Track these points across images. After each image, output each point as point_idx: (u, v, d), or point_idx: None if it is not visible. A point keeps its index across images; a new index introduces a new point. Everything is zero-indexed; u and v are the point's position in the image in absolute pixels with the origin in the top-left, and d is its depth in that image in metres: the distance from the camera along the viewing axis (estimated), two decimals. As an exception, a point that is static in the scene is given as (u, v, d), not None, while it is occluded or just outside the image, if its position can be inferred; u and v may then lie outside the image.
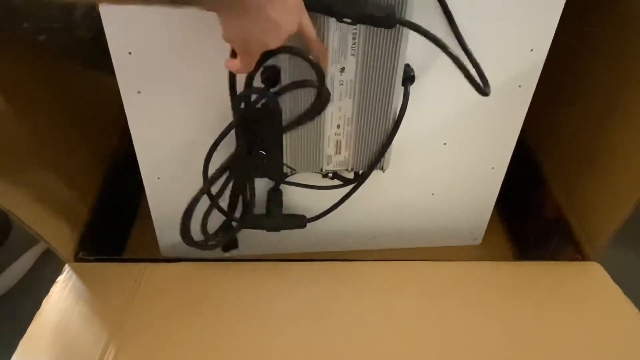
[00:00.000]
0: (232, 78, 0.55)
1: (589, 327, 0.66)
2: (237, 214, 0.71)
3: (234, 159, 0.62)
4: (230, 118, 0.60)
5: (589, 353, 0.63)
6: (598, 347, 0.64)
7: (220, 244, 0.74)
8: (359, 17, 0.50)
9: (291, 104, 0.59)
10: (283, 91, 0.57)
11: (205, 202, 0.65)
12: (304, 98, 0.58)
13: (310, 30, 0.49)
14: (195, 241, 0.68)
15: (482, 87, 0.55)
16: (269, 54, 0.50)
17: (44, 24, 0.62)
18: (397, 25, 0.52)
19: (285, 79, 0.56)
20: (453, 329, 0.65)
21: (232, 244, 0.78)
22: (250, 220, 0.72)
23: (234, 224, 0.73)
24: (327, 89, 0.56)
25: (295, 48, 0.51)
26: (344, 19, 0.50)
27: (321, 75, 0.54)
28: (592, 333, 0.65)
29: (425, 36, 0.53)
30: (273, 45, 0.47)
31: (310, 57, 0.52)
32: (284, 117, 0.60)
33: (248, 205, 0.69)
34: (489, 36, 0.59)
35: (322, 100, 0.57)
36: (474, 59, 0.57)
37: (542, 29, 0.60)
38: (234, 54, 0.50)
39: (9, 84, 0.66)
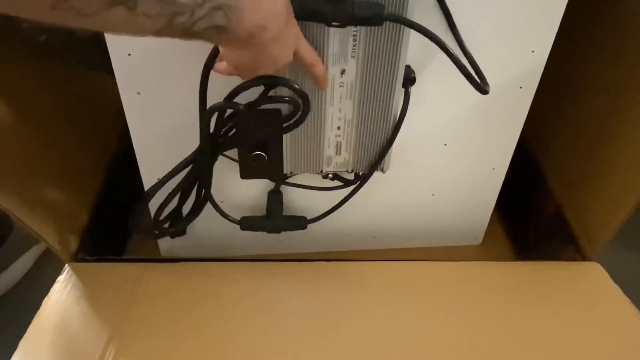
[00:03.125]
0: (204, 81, 0.55)
1: (589, 327, 0.66)
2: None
3: (196, 156, 0.62)
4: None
5: (589, 353, 0.63)
6: (598, 347, 0.64)
7: (168, 233, 0.74)
8: (347, 20, 0.50)
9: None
10: (258, 104, 0.57)
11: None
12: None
13: (307, 57, 0.50)
14: (145, 229, 0.69)
15: (481, 85, 0.55)
16: (261, 81, 0.51)
17: (43, 24, 0.62)
18: (387, 22, 0.52)
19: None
20: (453, 328, 0.65)
21: (180, 232, 0.77)
22: (246, 223, 0.73)
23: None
24: (308, 109, 0.57)
25: (284, 79, 0.52)
26: (333, 23, 0.50)
27: (307, 103, 0.55)
28: (592, 333, 0.65)
29: (420, 32, 0.53)
30: (267, 73, 0.49)
31: (296, 85, 0.53)
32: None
33: (199, 203, 0.69)
34: (490, 37, 0.59)
35: (301, 119, 0.58)
36: (472, 57, 0.57)
37: (544, 31, 0.60)
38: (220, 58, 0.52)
39: (8, 85, 0.66)
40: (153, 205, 0.66)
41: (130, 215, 0.65)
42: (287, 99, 0.56)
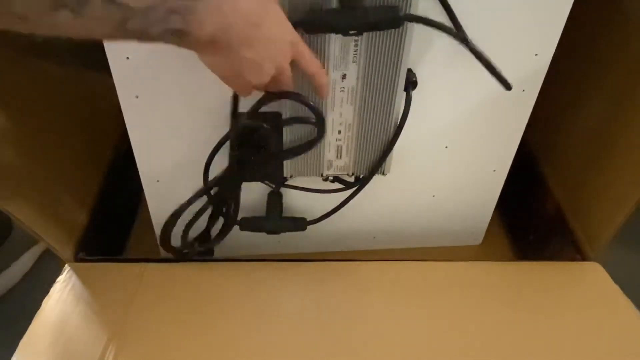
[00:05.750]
0: (234, 100, 0.57)
1: (589, 327, 0.66)
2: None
3: (224, 175, 0.63)
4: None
5: (589, 353, 0.63)
6: (598, 347, 0.64)
7: (196, 253, 0.74)
8: (364, 26, 0.50)
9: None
10: (282, 124, 0.59)
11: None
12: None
13: (309, 67, 0.49)
14: (174, 247, 0.69)
15: (507, 81, 0.54)
16: (269, 96, 0.53)
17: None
18: (405, 23, 0.51)
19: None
20: (453, 328, 0.65)
21: (208, 252, 0.78)
22: (246, 223, 0.73)
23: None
24: (324, 129, 0.58)
25: (294, 94, 0.53)
26: (350, 32, 0.50)
27: (321, 120, 0.56)
28: (592, 333, 0.65)
29: (439, 29, 0.53)
30: (258, 82, 0.46)
31: (311, 102, 0.54)
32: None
33: (229, 220, 0.70)
34: (493, 40, 0.58)
35: (319, 137, 0.59)
36: (486, 57, 0.57)
37: (547, 34, 0.59)
38: None
39: (7, 85, 0.66)
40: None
41: (160, 236, 0.66)
42: (313, 121, 0.57)
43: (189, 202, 0.63)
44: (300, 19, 0.49)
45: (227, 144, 0.62)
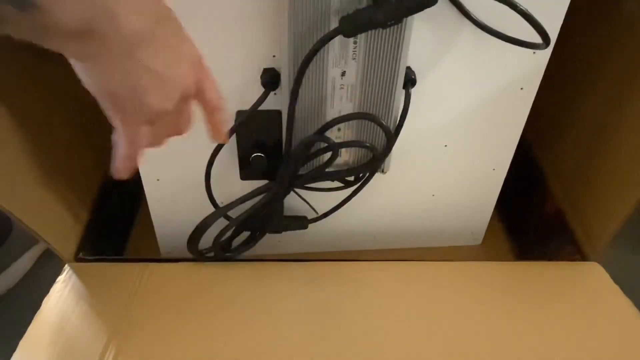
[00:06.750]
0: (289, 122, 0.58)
1: (589, 327, 0.66)
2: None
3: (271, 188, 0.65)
4: (230, 122, 0.60)
5: (589, 353, 0.63)
6: (598, 347, 0.63)
7: (222, 259, 0.74)
8: (402, 14, 0.49)
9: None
10: (344, 146, 0.62)
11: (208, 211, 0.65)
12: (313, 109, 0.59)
13: (213, 98, 0.39)
14: (200, 250, 0.69)
15: (547, 34, 0.53)
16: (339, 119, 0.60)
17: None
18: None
19: (285, 82, 0.56)
20: (453, 328, 0.65)
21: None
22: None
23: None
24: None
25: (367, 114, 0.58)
26: (389, 23, 0.50)
27: (391, 143, 0.60)
28: (592, 333, 0.65)
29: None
30: (159, 106, 0.34)
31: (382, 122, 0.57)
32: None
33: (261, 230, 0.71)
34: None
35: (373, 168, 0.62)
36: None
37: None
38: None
39: (7, 84, 0.66)
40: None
41: (188, 242, 0.67)
42: (367, 145, 0.59)
43: (223, 211, 0.64)
44: (340, 25, 0.49)
45: (227, 145, 0.62)
